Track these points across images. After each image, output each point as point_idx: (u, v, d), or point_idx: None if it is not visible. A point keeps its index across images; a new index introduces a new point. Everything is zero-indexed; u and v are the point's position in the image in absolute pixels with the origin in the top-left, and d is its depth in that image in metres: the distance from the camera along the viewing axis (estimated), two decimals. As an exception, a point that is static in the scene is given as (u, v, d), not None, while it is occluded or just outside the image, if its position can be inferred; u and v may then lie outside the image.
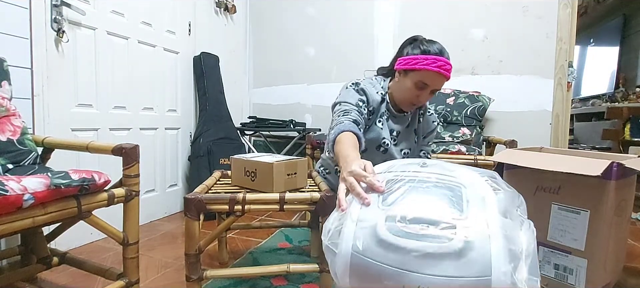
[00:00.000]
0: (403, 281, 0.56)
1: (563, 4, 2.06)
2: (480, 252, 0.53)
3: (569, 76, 2.09)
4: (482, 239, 0.54)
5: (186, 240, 1.03)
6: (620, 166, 1.05)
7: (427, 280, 0.54)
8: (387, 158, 1.25)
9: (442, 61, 1.12)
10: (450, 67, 1.13)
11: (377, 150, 1.27)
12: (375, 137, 1.23)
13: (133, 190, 1.06)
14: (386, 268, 0.57)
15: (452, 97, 2.14)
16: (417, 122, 1.33)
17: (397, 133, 1.29)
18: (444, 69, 1.12)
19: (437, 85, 1.16)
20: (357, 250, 0.60)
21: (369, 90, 1.22)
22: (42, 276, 1.28)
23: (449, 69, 1.13)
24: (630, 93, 3.54)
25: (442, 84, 1.17)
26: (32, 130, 1.41)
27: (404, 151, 1.31)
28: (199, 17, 2.35)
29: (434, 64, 1.11)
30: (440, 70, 1.11)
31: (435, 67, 1.10)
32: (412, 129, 1.33)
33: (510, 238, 0.56)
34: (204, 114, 2.26)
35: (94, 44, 1.68)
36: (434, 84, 1.15)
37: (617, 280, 1.26)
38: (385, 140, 1.24)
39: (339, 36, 2.62)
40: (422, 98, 1.17)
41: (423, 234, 0.56)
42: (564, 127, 2.12)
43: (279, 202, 1.05)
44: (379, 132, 1.23)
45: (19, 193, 0.76)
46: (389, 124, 1.28)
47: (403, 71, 1.18)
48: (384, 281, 0.58)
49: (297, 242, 1.68)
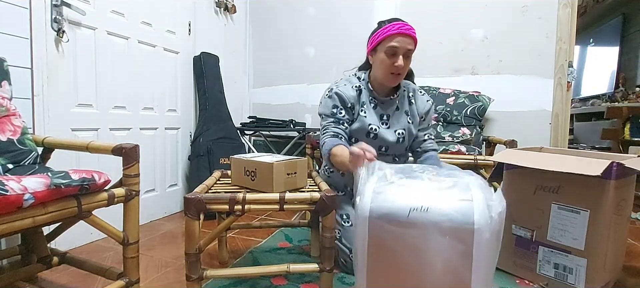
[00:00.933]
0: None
1: (563, 3, 2.06)
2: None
3: (568, 76, 2.09)
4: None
5: (186, 239, 1.03)
6: (620, 166, 1.05)
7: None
8: (380, 143, 1.35)
9: (400, 23, 1.23)
10: (411, 27, 1.24)
11: (367, 137, 1.34)
12: (360, 126, 1.33)
13: (133, 190, 1.06)
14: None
15: (452, 97, 2.14)
16: (408, 104, 1.40)
17: (387, 117, 1.36)
18: (404, 28, 1.22)
19: (406, 46, 1.24)
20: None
21: (342, 90, 1.33)
22: (43, 276, 1.28)
23: (409, 28, 1.23)
24: (630, 93, 3.54)
25: (410, 44, 1.24)
26: (32, 130, 1.41)
27: (398, 131, 1.36)
28: (199, 17, 2.35)
29: (393, 27, 1.22)
30: (401, 30, 1.22)
31: (395, 29, 1.22)
32: (403, 111, 1.38)
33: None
34: (204, 114, 2.26)
35: (94, 43, 1.68)
36: (402, 45, 1.23)
37: (617, 279, 1.27)
38: (372, 126, 1.33)
39: (339, 36, 2.62)
40: (397, 64, 1.24)
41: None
42: (563, 127, 2.12)
43: (279, 202, 1.05)
44: (364, 120, 1.33)
45: (19, 193, 0.76)
46: (376, 110, 1.35)
47: (373, 50, 1.32)
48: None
49: (297, 241, 1.68)
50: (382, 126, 1.35)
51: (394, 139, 1.35)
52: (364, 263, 0.85)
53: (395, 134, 1.35)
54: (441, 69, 2.34)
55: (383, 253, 0.83)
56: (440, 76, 2.33)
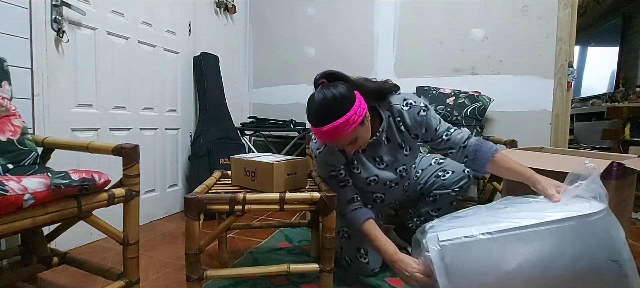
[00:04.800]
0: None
1: (563, 4, 2.06)
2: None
3: (569, 76, 2.09)
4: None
5: (186, 240, 1.03)
6: (620, 166, 1.05)
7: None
8: (383, 181, 1.27)
9: (321, 134, 1.01)
10: (334, 129, 0.98)
11: (369, 185, 1.27)
12: (360, 183, 1.26)
13: (133, 190, 1.06)
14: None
15: (452, 97, 2.14)
16: (398, 132, 1.22)
17: (380, 158, 1.25)
18: (327, 139, 1.03)
19: (340, 145, 1.10)
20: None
21: (330, 160, 1.20)
22: (43, 276, 1.28)
23: (333, 134, 0.99)
24: (630, 93, 3.53)
25: (342, 142, 1.05)
26: (32, 130, 1.41)
27: (399, 169, 1.28)
28: (199, 17, 2.35)
29: (318, 136, 1.04)
30: (325, 140, 1.05)
31: (321, 139, 1.06)
32: (395, 144, 1.23)
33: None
34: (204, 114, 2.26)
35: (94, 44, 1.68)
36: (336, 145, 1.11)
37: (617, 280, 1.26)
38: (369, 178, 1.25)
39: (339, 36, 2.61)
40: (348, 150, 1.11)
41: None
42: (564, 127, 2.12)
43: (279, 202, 1.05)
44: (359, 176, 1.25)
45: (19, 193, 0.76)
46: (366, 154, 1.24)
47: None
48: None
49: (297, 241, 1.68)
50: (380, 167, 1.25)
51: (396, 177, 1.28)
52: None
53: (397, 173, 1.27)
54: (441, 69, 2.33)
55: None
56: (440, 76, 2.33)
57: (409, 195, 1.45)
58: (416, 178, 1.43)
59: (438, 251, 0.86)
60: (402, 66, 2.43)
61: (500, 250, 0.82)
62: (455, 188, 1.35)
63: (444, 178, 1.36)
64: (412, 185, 1.43)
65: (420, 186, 1.42)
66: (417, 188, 1.43)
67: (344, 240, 1.33)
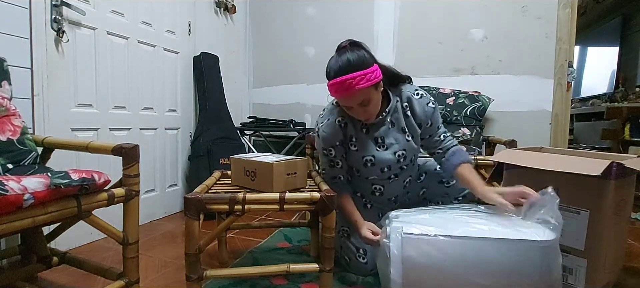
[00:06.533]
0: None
1: (563, 4, 2.06)
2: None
3: (568, 76, 2.09)
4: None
5: (186, 239, 1.03)
6: (619, 166, 1.05)
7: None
8: (380, 166, 1.28)
9: (338, 84, 1.06)
10: (350, 80, 1.04)
11: (365, 166, 1.28)
12: (355, 160, 1.29)
13: (133, 190, 1.06)
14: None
15: (452, 97, 2.14)
16: (403, 117, 1.27)
17: (381, 139, 1.27)
18: (341, 91, 1.07)
19: (351, 103, 1.11)
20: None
21: (326, 132, 1.24)
22: (42, 276, 1.28)
23: (349, 85, 1.04)
24: (630, 93, 3.53)
25: (353, 101, 1.10)
26: (32, 130, 1.41)
27: (398, 153, 1.28)
28: (198, 17, 2.35)
29: (333, 89, 1.10)
30: (338, 92, 1.09)
31: (333, 90, 1.10)
32: (399, 128, 1.27)
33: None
34: (204, 114, 2.26)
35: (94, 44, 1.68)
36: (346, 104, 1.14)
37: (617, 280, 1.27)
38: (366, 157, 1.27)
39: (339, 36, 2.58)
40: (358, 114, 1.15)
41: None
42: (563, 127, 2.12)
43: (279, 202, 1.05)
44: (356, 154, 1.28)
45: (19, 193, 0.76)
46: (368, 134, 1.26)
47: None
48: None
49: (297, 241, 1.68)
50: (379, 149, 1.27)
51: (393, 159, 1.28)
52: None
53: (395, 156, 1.28)
54: (441, 69, 2.34)
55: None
56: (440, 76, 2.33)
57: (410, 196, 1.45)
58: (419, 180, 1.43)
59: (399, 240, 0.93)
60: (402, 66, 2.37)
61: (454, 253, 0.90)
62: (459, 197, 1.36)
63: (448, 185, 1.37)
64: (414, 186, 1.43)
65: (423, 190, 1.43)
66: (419, 192, 1.43)
67: (343, 239, 1.33)
